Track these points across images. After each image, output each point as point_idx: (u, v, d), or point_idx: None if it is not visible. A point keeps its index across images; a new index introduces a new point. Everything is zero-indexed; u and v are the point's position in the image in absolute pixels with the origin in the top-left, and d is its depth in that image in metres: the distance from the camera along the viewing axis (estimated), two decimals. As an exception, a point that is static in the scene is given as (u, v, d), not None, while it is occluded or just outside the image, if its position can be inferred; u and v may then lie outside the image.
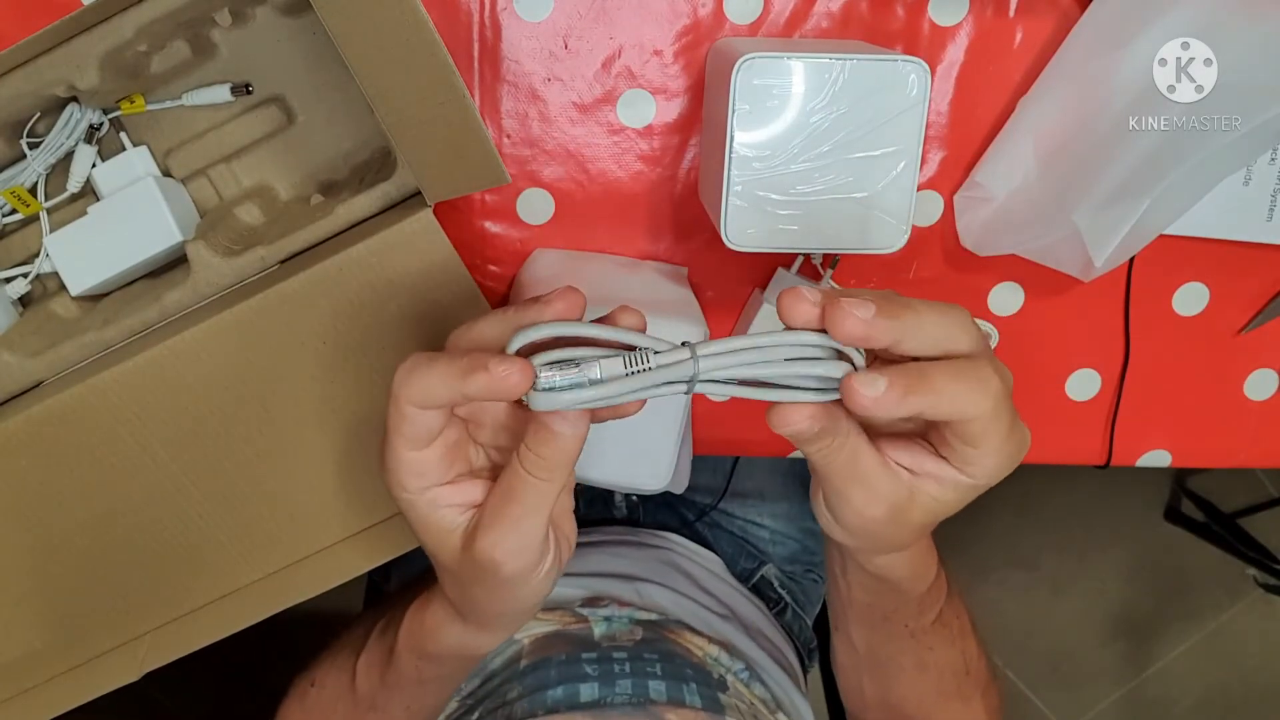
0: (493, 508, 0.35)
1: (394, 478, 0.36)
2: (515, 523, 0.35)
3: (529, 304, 0.34)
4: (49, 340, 0.46)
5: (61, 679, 0.49)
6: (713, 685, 0.59)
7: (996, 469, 0.35)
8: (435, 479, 0.36)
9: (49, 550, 0.47)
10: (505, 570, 0.36)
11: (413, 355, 0.34)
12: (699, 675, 0.59)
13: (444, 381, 0.32)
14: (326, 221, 0.45)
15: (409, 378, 0.33)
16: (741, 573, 0.78)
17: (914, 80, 0.43)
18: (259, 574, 0.48)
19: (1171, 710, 1.64)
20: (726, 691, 0.59)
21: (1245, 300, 0.57)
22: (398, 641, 0.47)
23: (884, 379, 0.31)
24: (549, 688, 0.55)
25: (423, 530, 0.37)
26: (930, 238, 0.54)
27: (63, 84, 0.43)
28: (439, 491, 0.36)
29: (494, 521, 0.35)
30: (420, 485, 0.36)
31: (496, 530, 0.35)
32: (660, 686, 0.56)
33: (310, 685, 0.55)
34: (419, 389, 0.33)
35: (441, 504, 0.36)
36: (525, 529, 0.35)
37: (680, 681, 0.57)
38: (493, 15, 0.49)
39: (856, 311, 0.31)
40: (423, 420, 0.34)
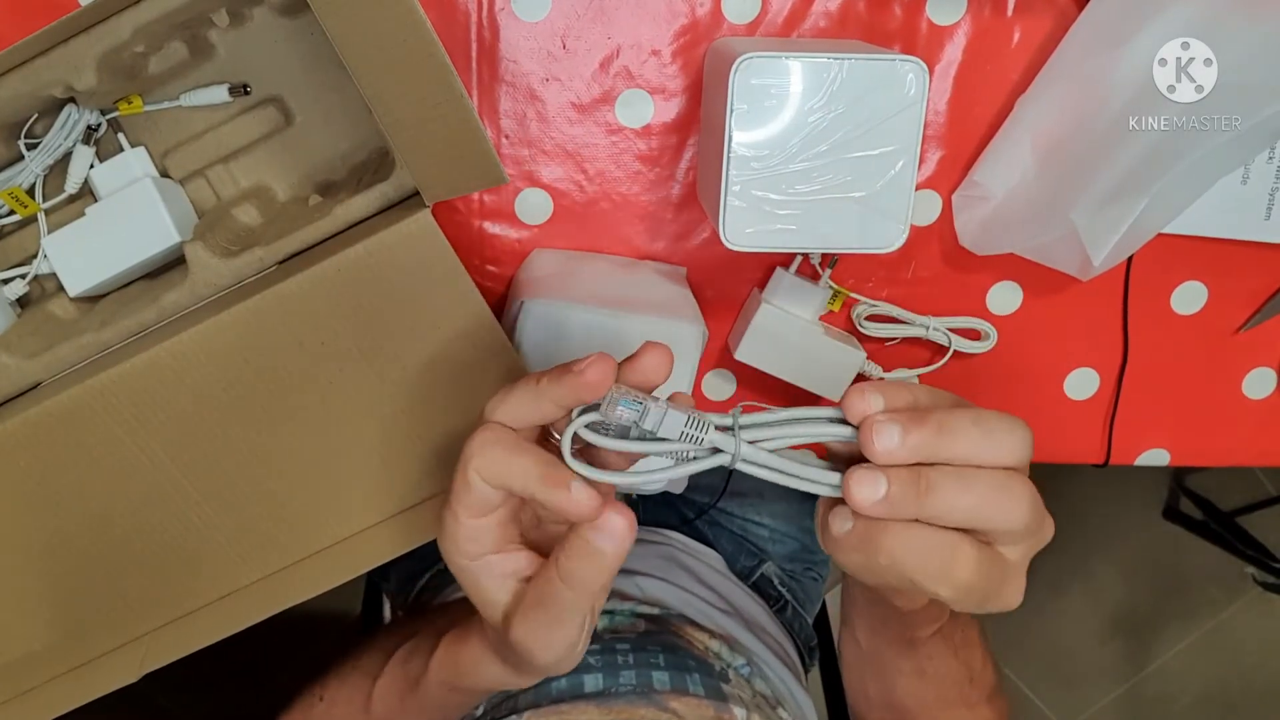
0: (529, 605, 0.36)
1: (452, 543, 0.36)
2: (549, 626, 0.36)
3: (561, 375, 0.34)
4: (47, 341, 0.46)
5: (61, 680, 0.48)
6: (715, 676, 0.59)
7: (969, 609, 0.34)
8: (490, 547, 0.36)
9: (48, 551, 0.47)
10: (539, 660, 0.37)
11: (490, 426, 0.34)
12: (702, 666, 0.59)
13: (520, 475, 0.33)
14: (324, 222, 0.45)
15: (485, 452, 0.34)
16: (742, 570, 0.78)
17: (912, 79, 0.43)
18: (258, 574, 0.48)
19: (1170, 708, 1.64)
20: (729, 683, 0.59)
21: (1243, 299, 0.57)
22: (429, 672, 0.47)
23: (884, 483, 0.31)
24: (553, 679, 0.55)
25: (472, 593, 0.37)
26: (929, 237, 0.54)
27: (60, 85, 0.43)
28: (491, 560, 0.36)
29: (527, 618, 0.36)
30: (477, 552, 0.36)
31: (531, 627, 0.36)
32: (664, 676, 0.56)
33: (319, 700, 0.55)
34: (493, 470, 0.34)
35: (494, 573, 0.37)
36: (557, 636, 0.36)
37: (684, 672, 0.57)
38: (490, 15, 0.49)
39: (878, 444, 0.31)
40: (488, 492, 0.35)
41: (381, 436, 0.46)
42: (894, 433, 0.31)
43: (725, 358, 0.57)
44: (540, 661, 0.37)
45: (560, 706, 0.53)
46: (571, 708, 0.53)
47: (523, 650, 0.36)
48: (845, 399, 0.33)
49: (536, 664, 0.37)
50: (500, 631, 0.37)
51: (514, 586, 0.37)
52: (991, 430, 0.32)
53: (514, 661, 0.41)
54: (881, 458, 0.31)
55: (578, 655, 0.38)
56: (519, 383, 0.35)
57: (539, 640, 0.36)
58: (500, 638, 0.38)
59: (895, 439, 0.31)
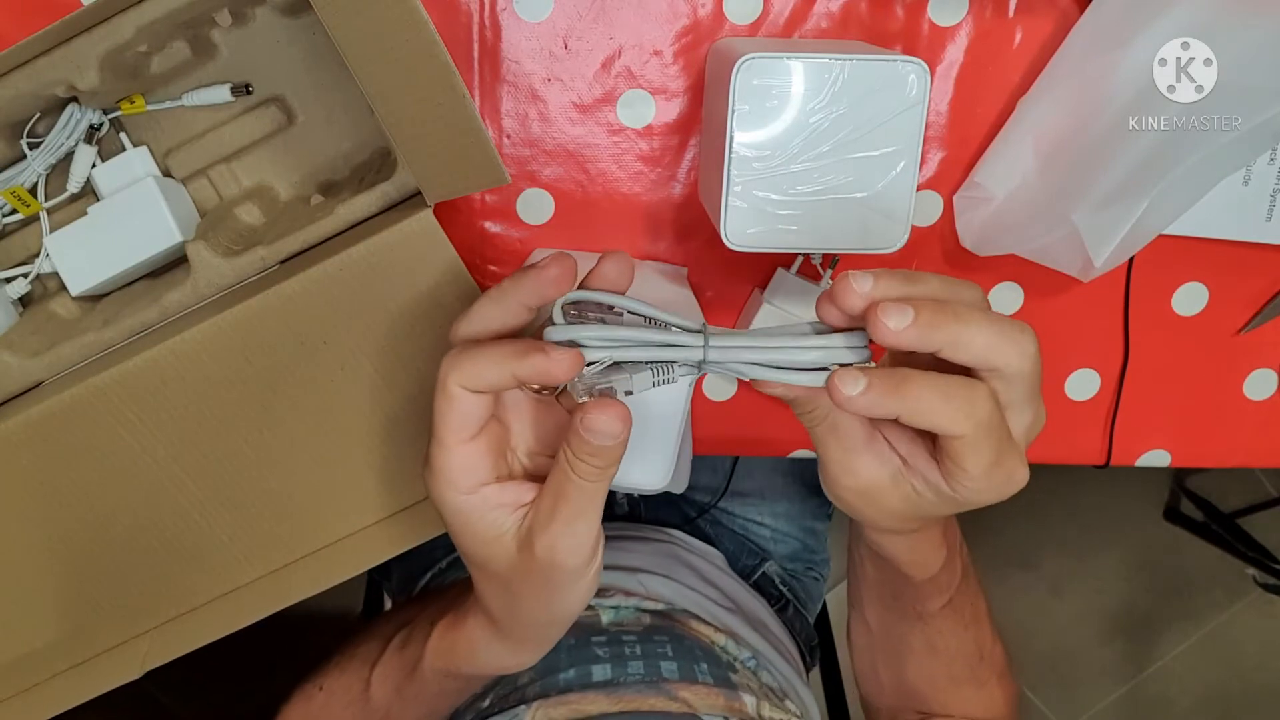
0: (546, 510, 0.35)
1: (444, 476, 0.36)
2: (570, 523, 0.35)
3: (526, 275, 0.34)
4: (49, 341, 0.47)
5: (62, 677, 0.49)
6: (722, 666, 0.59)
7: (978, 492, 0.35)
8: (485, 475, 0.36)
9: (50, 549, 0.47)
10: (565, 568, 0.36)
11: (458, 344, 0.34)
12: (709, 657, 0.59)
13: (496, 363, 0.33)
14: (326, 222, 0.45)
15: (459, 361, 0.34)
16: (743, 569, 0.79)
17: (913, 80, 0.43)
18: (260, 572, 0.48)
19: (1171, 709, 1.64)
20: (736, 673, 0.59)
21: (1245, 300, 0.57)
22: (424, 659, 0.47)
23: (865, 380, 0.31)
24: (560, 671, 0.55)
25: (473, 537, 0.37)
26: (930, 238, 0.54)
27: (63, 84, 0.43)
28: (489, 491, 0.36)
29: (549, 522, 0.35)
30: (472, 483, 0.36)
31: (553, 530, 0.35)
32: (672, 666, 0.56)
33: (318, 690, 0.55)
34: (470, 371, 0.33)
35: (493, 504, 0.36)
36: (580, 528, 0.35)
37: (691, 662, 0.57)
38: (492, 16, 0.49)
39: (889, 322, 0.31)
40: (471, 406, 0.34)
41: (383, 435, 0.46)
42: (905, 313, 0.31)
43: (726, 358, 0.57)
44: (563, 572, 0.36)
45: (568, 696, 0.53)
46: (580, 697, 0.53)
47: (546, 566, 0.36)
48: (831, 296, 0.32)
49: (557, 578, 0.37)
50: (513, 566, 0.37)
51: (519, 513, 0.36)
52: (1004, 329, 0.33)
53: (517, 629, 0.41)
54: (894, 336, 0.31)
55: (592, 579, 0.38)
56: (479, 298, 0.35)
57: (562, 545, 0.35)
58: (510, 578, 0.37)
59: (907, 318, 0.31)
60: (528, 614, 0.40)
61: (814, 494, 0.85)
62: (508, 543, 0.36)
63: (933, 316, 0.31)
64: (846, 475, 0.37)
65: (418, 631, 0.49)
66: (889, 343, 0.31)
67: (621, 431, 0.33)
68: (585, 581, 0.38)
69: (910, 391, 0.32)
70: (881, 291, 0.32)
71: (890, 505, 0.38)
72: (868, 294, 0.32)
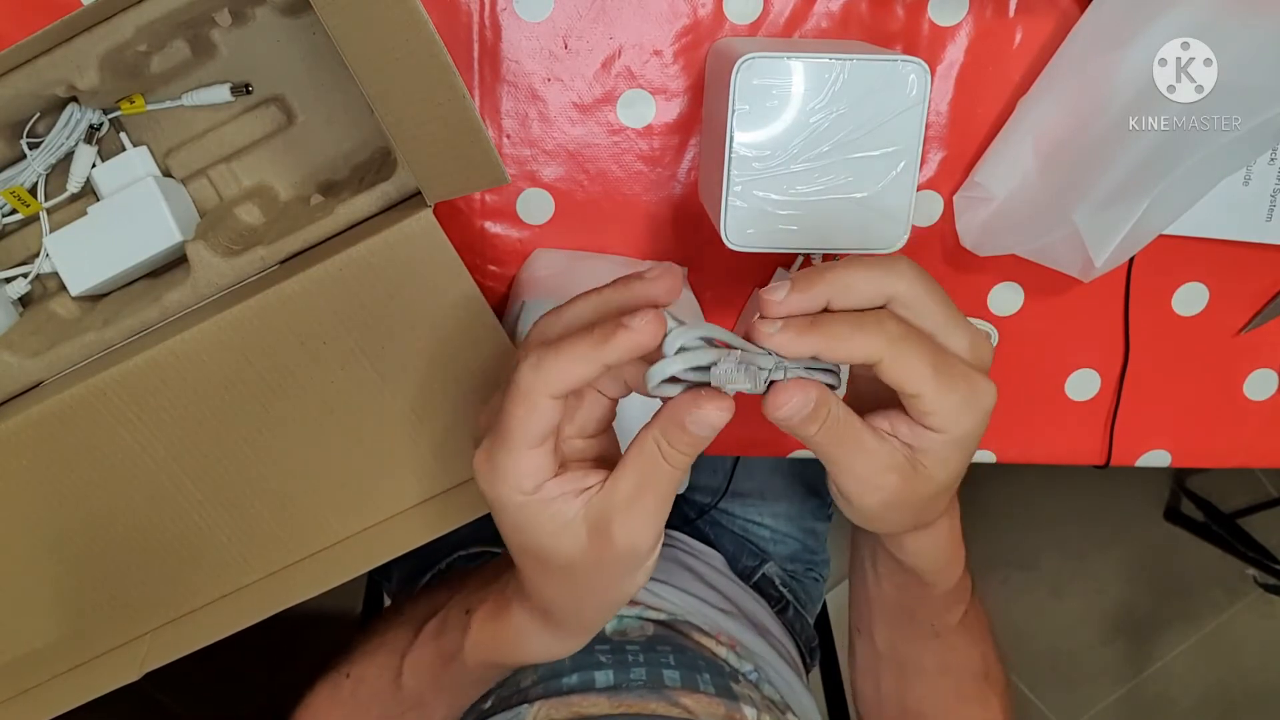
0: (628, 494, 0.35)
1: (509, 481, 0.35)
2: (656, 510, 0.35)
3: (628, 282, 0.34)
4: (49, 340, 0.46)
5: (62, 679, 0.49)
6: (725, 676, 0.59)
7: (949, 416, 0.35)
8: (547, 474, 0.35)
9: (50, 550, 0.47)
10: (641, 551, 0.36)
11: (530, 350, 0.34)
12: (711, 668, 0.59)
13: (581, 358, 0.32)
14: (326, 221, 0.45)
15: (541, 367, 0.33)
16: (743, 570, 0.79)
17: (914, 80, 0.43)
18: (259, 573, 0.48)
19: (1171, 710, 1.64)
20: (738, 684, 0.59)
21: (1245, 300, 0.57)
22: (464, 650, 0.46)
23: (779, 323, 0.33)
24: (563, 675, 0.55)
25: (538, 531, 0.36)
26: (930, 238, 0.54)
27: (63, 84, 0.43)
28: (549, 486, 0.35)
29: (632, 507, 0.35)
30: (535, 484, 0.35)
31: (636, 515, 0.35)
32: (674, 674, 0.56)
33: (345, 677, 0.54)
34: (556, 377, 0.33)
35: (554, 496, 0.35)
36: (663, 513, 0.35)
37: (694, 671, 0.57)
38: (493, 15, 0.49)
39: (771, 297, 0.34)
40: (552, 413, 0.34)
41: (383, 436, 0.46)
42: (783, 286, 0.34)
43: (726, 358, 0.57)
44: (641, 557, 0.36)
45: (571, 699, 0.53)
46: (582, 699, 0.53)
47: (627, 553, 0.36)
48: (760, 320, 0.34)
49: (633, 564, 0.36)
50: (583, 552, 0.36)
51: (581, 499, 0.36)
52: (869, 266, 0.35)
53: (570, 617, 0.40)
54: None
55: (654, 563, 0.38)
56: (564, 344, 0.34)
57: (646, 532, 0.35)
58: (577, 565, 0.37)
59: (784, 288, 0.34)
60: (588, 601, 0.39)
61: (814, 494, 0.85)
62: (576, 530, 0.36)
63: (810, 277, 0.33)
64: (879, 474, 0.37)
65: (453, 620, 0.48)
66: (776, 312, 0.33)
67: (723, 425, 0.33)
68: (650, 563, 0.37)
69: (823, 325, 0.33)
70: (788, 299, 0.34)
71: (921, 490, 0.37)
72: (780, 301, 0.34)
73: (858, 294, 0.34)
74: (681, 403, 0.33)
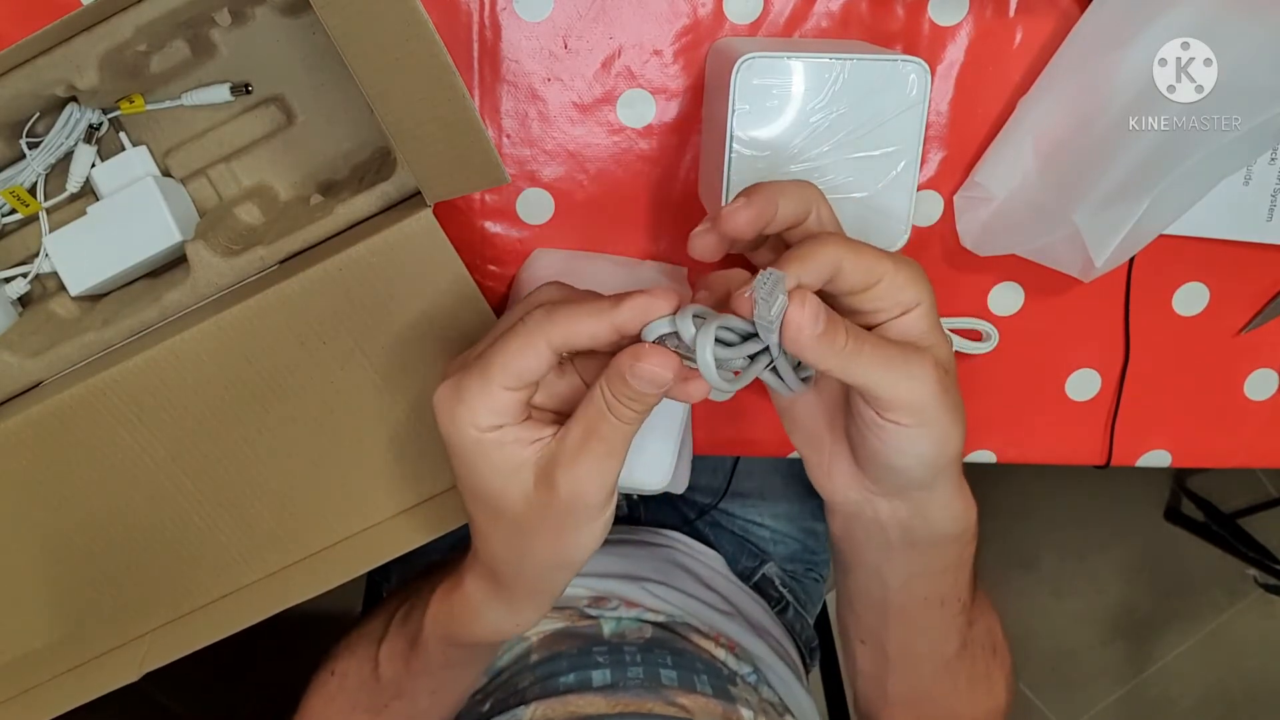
0: (574, 445, 0.35)
1: (469, 416, 0.35)
2: (600, 460, 0.35)
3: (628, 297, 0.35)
4: (48, 340, 0.46)
5: (61, 679, 0.49)
6: (723, 679, 0.59)
7: (915, 282, 0.36)
8: (508, 419, 0.35)
9: (49, 550, 0.47)
10: (586, 504, 0.36)
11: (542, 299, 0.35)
12: (709, 669, 0.59)
13: (595, 314, 0.33)
14: (326, 221, 0.45)
15: (554, 315, 0.33)
16: (743, 571, 0.78)
17: (914, 80, 0.43)
18: (259, 574, 0.48)
19: (1171, 710, 1.64)
20: (736, 686, 0.59)
21: (1245, 300, 0.57)
22: (424, 628, 0.46)
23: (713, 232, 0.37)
24: (561, 675, 0.55)
25: (488, 470, 0.36)
26: (930, 238, 0.54)
27: (62, 84, 0.43)
28: (509, 430, 0.35)
29: (577, 457, 0.35)
30: (493, 423, 0.35)
31: (581, 466, 0.35)
32: (672, 675, 0.56)
33: (330, 675, 0.54)
34: (566, 327, 0.33)
35: (508, 440, 0.35)
36: (608, 465, 0.35)
37: (691, 672, 0.57)
38: (492, 15, 0.49)
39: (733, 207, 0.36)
40: (544, 362, 0.34)
41: (382, 436, 0.46)
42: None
43: (726, 358, 0.57)
44: (586, 507, 0.36)
45: (568, 699, 0.53)
46: (579, 699, 0.53)
47: (569, 500, 0.36)
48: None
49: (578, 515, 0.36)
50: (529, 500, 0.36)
51: (534, 448, 0.36)
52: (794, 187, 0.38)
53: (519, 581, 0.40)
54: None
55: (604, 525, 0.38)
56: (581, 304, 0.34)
57: (590, 481, 0.35)
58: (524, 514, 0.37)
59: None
60: (535, 557, 0.39)
61: (813, 494, 0.85)
62: (525, 476, 0.36)
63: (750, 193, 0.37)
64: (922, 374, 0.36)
65: (418, 602, 0.48)
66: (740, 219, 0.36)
67: (668, 383, 0.33)
68: (599, 524, 0.37)
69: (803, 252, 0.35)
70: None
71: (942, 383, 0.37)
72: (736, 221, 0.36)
73: (791, 198, 0.37)
74: (624, 354, 0.33)
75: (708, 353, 0.32)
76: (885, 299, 0.35)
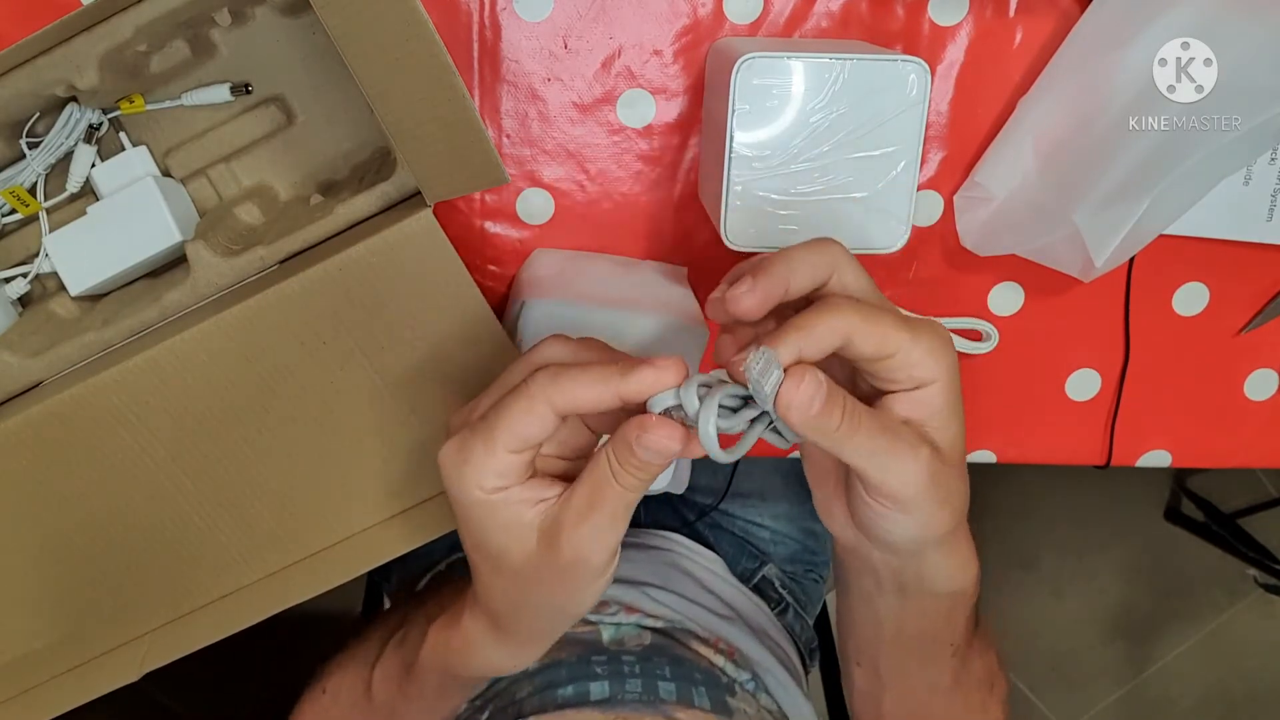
0: (579, 509, 0.35)
1: (474, 478, 0.35)
2: (604, 526, 0.35)
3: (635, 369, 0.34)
4: (48, 340, 0.46)
5: (61, 679, 0.48)
6: (721, 689, 0.59)
7: (933, 357, 0.35)
8: (513, 480, 0.35)
9: (49, 550, 0.47)
10: (588, 566, 0.36)
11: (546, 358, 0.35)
12: (707, 680, 0.59)
13: (600, 382, 0.33)
14: (326, 221, 0.45)
15: (558, 380, 0.33)
16: (743, 573, 0.78)
17: (914, 80, 0.43)
18: (259, 574, 0.48)
19: (1171, 710, 1.64)
20: (734, 696, 0.59)
21: (1245, 300, 0.57)
22: (420, 659, 0.46)
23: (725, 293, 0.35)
24: (559, 686, 0.55)
25: (493, 529, 0.36)
26: (930, 238, 0.54)
27: (62, 84, 0.43)
28: (513, 491, 0.36)
29: (581, 521, 0.35)
30: (498, 485, 0.35)
31: (584, 529, 0.35)
32: (670, 687, 0.56)
33: (322, 693, 0.55)
34: (570, 393, 0.33)
35: (514, 500, 0.36)
36: (612, 530, 0.35)
37: (690, 684, 0.57)
38: (492, 15, 0.49)
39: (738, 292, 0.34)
40: (548, 426, 0.34)
41: (383, 436, 0.46)
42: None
43: (726, 358, 0.57)
44: (589, 568, 0.36)
45: (565, 713, 0.53)
46: (577, 714, 0.53)
47: (572, 562, 0.36)
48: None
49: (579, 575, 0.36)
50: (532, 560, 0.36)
51: (540, 508, 0.36)
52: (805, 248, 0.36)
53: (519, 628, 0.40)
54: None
55: (605, 581, 0.38)
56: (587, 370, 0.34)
57: (593, 543, 0.35)
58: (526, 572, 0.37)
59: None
60: (536, 610, 0.39)
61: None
62: (528, 535, 0.36)
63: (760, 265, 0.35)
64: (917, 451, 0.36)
65: (414, 629, 0.48)
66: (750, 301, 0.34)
67: (675, 454, 0.33)
68: (601, 581, 0.37)
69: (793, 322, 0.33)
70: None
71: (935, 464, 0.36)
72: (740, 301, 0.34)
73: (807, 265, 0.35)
74: (631, 425, 0.33)
75: (710, 427, 0.32)
76: (898, 372, 0.35)
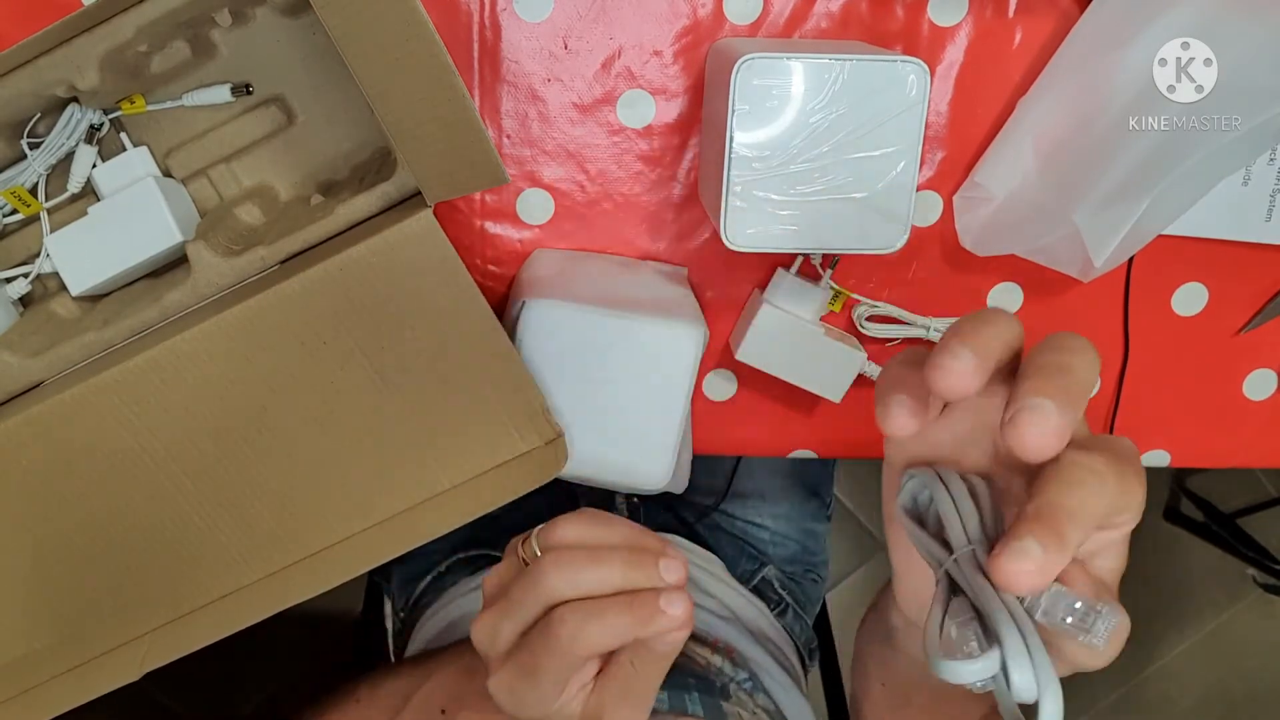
0: (618, 703, 0.39)
1: (534, 708, 0.39)
2: (643, 708, 0.40)
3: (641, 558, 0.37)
4: (49, 340, 0.46)
5: (61, 679, 0.48)
6: (715, 694, 0.59)
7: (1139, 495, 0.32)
8: (560, 697, 0.39)
9: (49, 550, 0.47)
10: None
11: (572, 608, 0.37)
12: (702, 685, 0.59)
13: (620, 630, 0.36)
14: (327, 222, 0.45)
15: (584, 631, 0.36)
16: (742, 574, 0.78)
17: (913, 80, 0.43)
18: (259, 574, 0.48)
19: (1171, 710, 1.64)
20: (729, 700, 0.59)
21: (1244, 300, 0.57)
22: None
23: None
24: None
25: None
26: (930, 238, 0.54)
27: (63, 84, 0.43)
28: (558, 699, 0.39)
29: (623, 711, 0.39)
30: (551, 707, 0.39)
31: (628, 714, 0.39)
32: (663, 695, 0.56)
33: None
34: (595, 642, 0.36)
35: (564, 700, 0.39)
36: (644, 708, 0.40)
37: (683, 691, 0.57)
38: (493, 16, 0.49)
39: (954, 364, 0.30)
40: (581, 664, 0.38)
41: (383, 436, 0.46)
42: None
43: (726, 358, 0.57)
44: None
45: None
46: None
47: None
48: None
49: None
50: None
51: (581, 696, 0.40)
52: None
53: None
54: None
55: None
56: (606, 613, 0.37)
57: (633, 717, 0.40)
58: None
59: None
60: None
61: (814, 495, 0.85)
62: (571, 714, 0.40)
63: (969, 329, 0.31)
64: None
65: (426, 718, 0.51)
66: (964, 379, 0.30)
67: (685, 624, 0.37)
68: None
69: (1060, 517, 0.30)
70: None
71: None
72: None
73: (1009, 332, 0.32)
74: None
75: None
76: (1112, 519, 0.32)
